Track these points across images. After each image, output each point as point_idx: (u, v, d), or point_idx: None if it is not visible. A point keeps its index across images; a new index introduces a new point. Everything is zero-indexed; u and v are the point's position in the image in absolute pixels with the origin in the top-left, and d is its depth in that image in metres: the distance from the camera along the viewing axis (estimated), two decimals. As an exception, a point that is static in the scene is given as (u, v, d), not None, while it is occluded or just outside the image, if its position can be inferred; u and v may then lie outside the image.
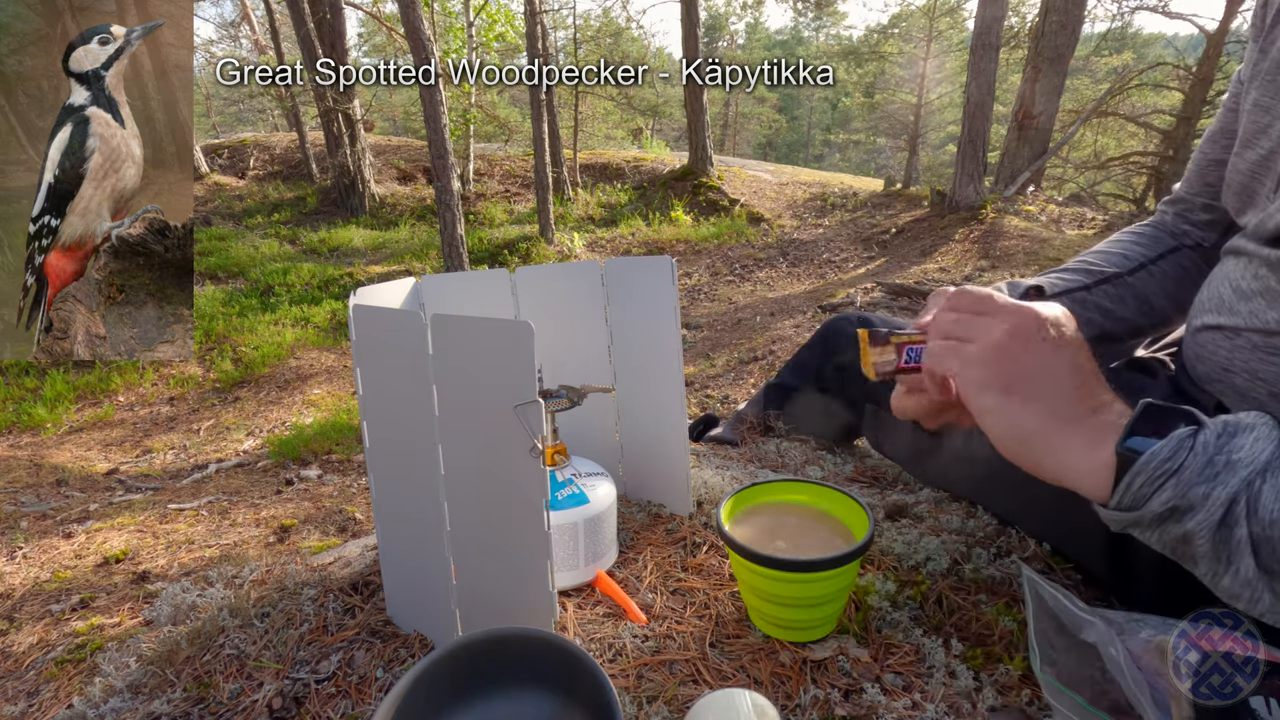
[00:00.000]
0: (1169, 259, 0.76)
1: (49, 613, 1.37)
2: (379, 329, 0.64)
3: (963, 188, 6.02)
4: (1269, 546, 0.40)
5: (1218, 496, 0.40)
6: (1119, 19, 8.42)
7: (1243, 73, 0.65)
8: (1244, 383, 0.57)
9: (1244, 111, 0.61)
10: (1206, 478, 0.41)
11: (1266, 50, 0.58)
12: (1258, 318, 0.55)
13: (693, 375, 3.74)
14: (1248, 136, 0.59)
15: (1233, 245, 0.62)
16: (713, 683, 0.59)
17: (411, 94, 15.05)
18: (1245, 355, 0.56)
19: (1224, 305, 0.59)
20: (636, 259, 0.84)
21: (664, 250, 7.00)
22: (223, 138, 11.90)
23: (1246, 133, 0.60)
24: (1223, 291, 0.60)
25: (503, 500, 0.61)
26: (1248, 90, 0.61)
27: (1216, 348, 0.60)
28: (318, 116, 8.68)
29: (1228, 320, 0.58)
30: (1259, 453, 0.41)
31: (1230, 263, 0.61)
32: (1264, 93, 0.58)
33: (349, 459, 3.07)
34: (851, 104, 21.10)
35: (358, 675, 0.65)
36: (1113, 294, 0.74)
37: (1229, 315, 0.58)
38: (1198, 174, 0.74)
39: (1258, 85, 0.59)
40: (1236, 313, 0.57)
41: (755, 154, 24.34)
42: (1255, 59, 0.60)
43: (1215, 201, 0.72)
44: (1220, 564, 0.42)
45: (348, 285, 6.22)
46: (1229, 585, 0.43)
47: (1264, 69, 0.58)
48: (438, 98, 4.92)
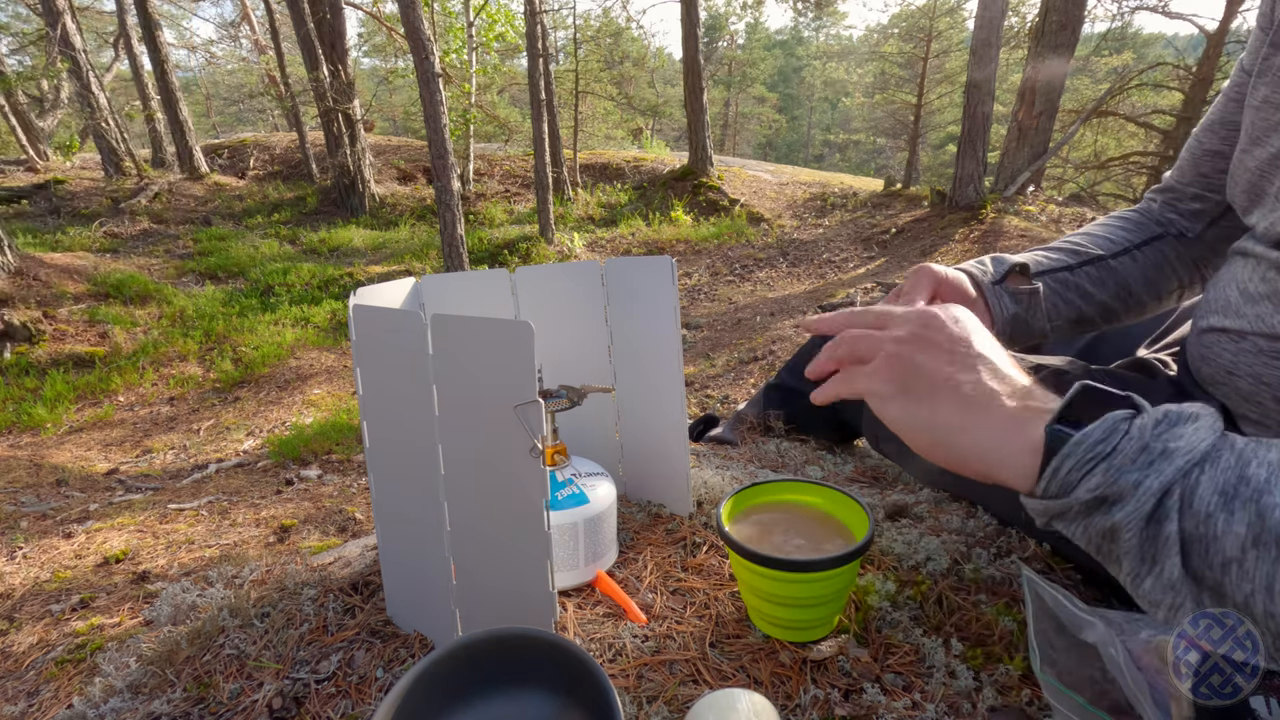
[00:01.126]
0: (1152, 246, 0.76)
1: (49, 613, 1.37)
2: (379, 329, 0.64)
3: (963, 188, 6.02)
4: (1200, 546, 0.36)
5: (1149, 486, 0.37)
6: (1119, 19, 8.41)
7: (1245, 62, 0.64)
8: (1248, 386, 0.57)
9: (1251, 107, 0.59)
10: (1140, 465, 0.37)
11: (1279, 44, 0.57)
12: (1264, 321, 0.55)
13: (693, 375, 3.74)
14: (1256, 133, 0.58)
15: (1240, 247, 0.61)
16: (713, 683, 0.59)
17: (411, 94, 15.05)
18: (1250, 359, 0.56)
19: (1230, 307, 0.59)
20: (636, 259, 0.84)
21: (664, 250, 7.00)
22: (223, 138, 11.91)
23: (1255, 129, 0.58)
24: (1229, 293, 0.60)
25: (503, 500, 0.61)
26: (1255, 85, 0.59)
27: (1221, 350, 0.59)
28: (318, 116, 8.68)
29: (1233, 323, 0.58)
30: (1198, 442, 0.37)
31: (1238, 264, 0.61)
32: (1275, 89, 0.56)
33: (349, 459, 3.07)
34: (851, 104, 21.09)
35: (358, 675, 0.65)
36: (1094, 276, 0.73)
37: (1235, 318, 0.58)
38: (1191, 163, 0.73)
39: (1267, 81, 0.57)
40: (1243, 316, 0.57)
41: (755, 154, 24.35)
42: (1265, 53, 0.59)
43: (1207, 192, 0.72)
44: (1144, 563, 0.38)
45: (348, 285, 6.22)
46: (1149, 589, 0.39)
47: (1276, 64, 0.57)
48: (438, 98, 4.92)
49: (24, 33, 11.02)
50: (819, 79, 26.44)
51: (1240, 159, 0.61)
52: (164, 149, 9.37)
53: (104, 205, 7.70)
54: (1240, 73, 0.65)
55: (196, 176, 8.91)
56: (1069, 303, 0.72)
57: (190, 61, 23.70)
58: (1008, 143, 6.32)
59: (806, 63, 27.84)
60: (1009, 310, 0.70)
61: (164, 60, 8.64)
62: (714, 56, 23.27)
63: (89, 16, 12.67)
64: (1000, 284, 0.71)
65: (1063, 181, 10.23)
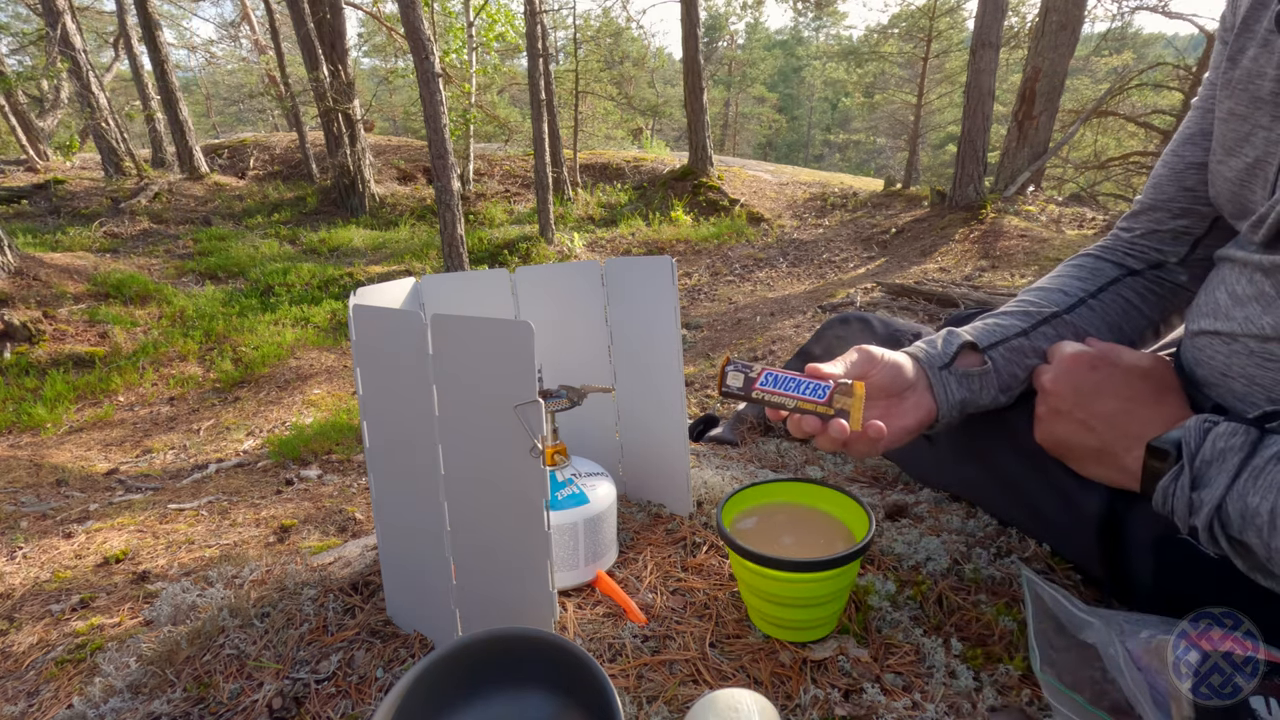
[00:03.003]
0: (1109, 291, 0.73)
1: (49, 613, 1.37)
2: (379, 329, 0.64)
3: (963, 188, 6.02)
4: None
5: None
6: (1119, 19, 8.41)
7: (1209, 75, 0.64)
8: (1242, 388, 0.57)
9: (1219, 119, 0.60)
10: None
11: (1236, 60, 0.58)
12: (1253, 323, 0.55)
13: (693, 375, 3.74)
14: (1229, 144, 0.59)
15: (1226, 252, 0.62)
16: (713, 683, 0.59)
17: (411, 94, 15.05)
18: (1242, 360, 0.57)
19: (1220, 310, 0.60)
20: (636, 259, 0.84)
21: (664, 250, 7.00)
22: (223, 138, 11.91)
23: (1227, 140, 0.59)
24: (1219, 297, 0.60)
25: (503, 500, 0.61)
26: (1220, 99, 0.60)
27: (1214, 352, 0.60)
28: (318, 116, 8.68)
29: (1224, 326, 0.58)
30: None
31: (1225, 269, 0.62)
32: (1238, 102, 0.57)
33: (349, 459, 3.07)
34: (851, 104, 21.10)
35: (358, 675, 0.65)
36: (1051, 335, 0.70)
37: (1225, 321, 0.58)
38: (1173, 179, 0.70)
39: (1230, 95, 0.58)
40: (1232, 318, 0.58)
41: (755, 154, 24.35)
42: (1224, 67, 0.60)
43: (1195, 205, 0.69)
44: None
45: (348, 285, 6.22)
46: None
47: (1236, 78, 0.58)
48: (438, 98, 4.92)
49: (24, 33, 11.02)
50: (819, 79, 26.44)
51: (1216, 169, 0.61)
52: (164, 149, 9.37)
53: (104, 205, 7.70)
54: (1209, 85, 0.65)
55: (196, 176, 8.91)
56: (1027, 368, 0.70)
57: (190, 61, 23.71)
58: (1008, 143, 6.31)
59: (806, 63, 27.82)
60: (955, 396, 0.68)
61: (164, 60, 8.63)
62: (714, 56, 23.29)
63: (89, 16, 12.66)
64: (948, 367, 0.69)
65: (1063, 181, 10.22)
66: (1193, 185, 0.69)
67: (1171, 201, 0.71)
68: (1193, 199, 0.69)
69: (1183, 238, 0.72)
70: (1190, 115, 0.69)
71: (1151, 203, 0.73)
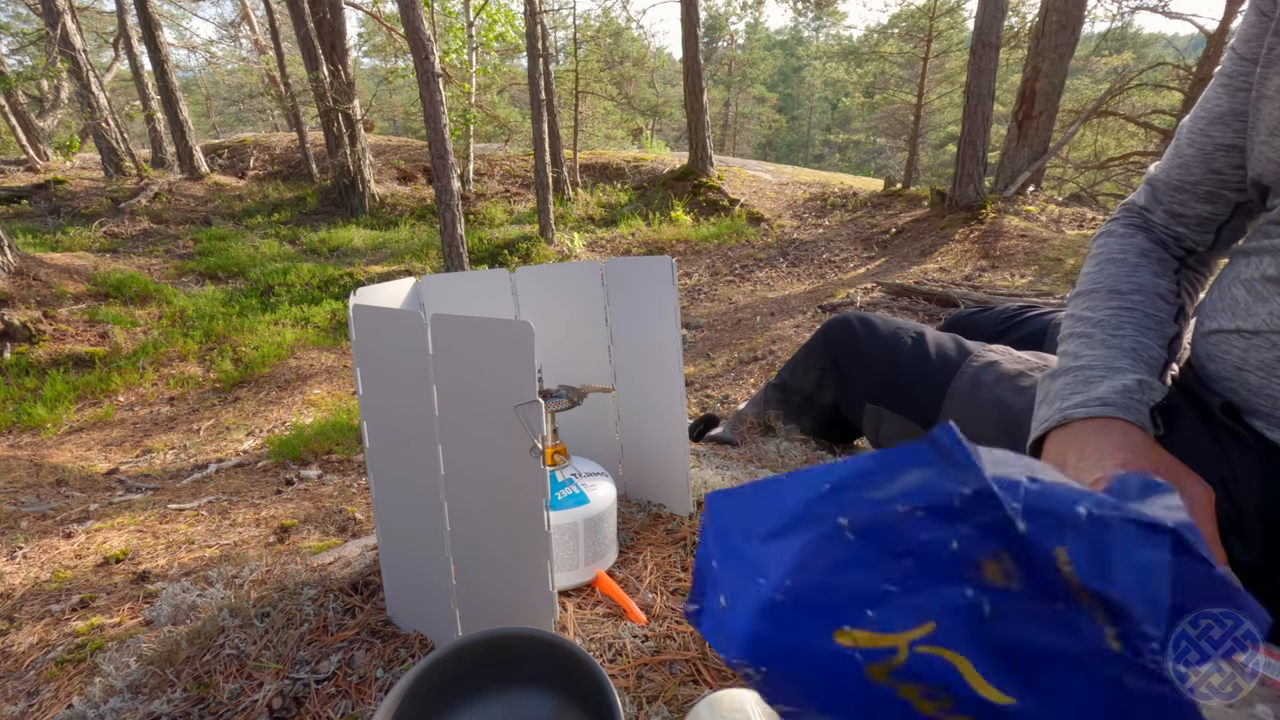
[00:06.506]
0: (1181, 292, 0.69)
1: (49, 613, 1.37)
2: (379, 329, 0.64)
3: (963, 188, 6.02)
4: None
5: None
6: (1119, 19, 8.41)
7: (1241, 49, 0.61)
8: (1259, 380, 0.57)
9: (1266, 97, 0.57)
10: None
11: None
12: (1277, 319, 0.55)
13: (693, 375, 3.74)
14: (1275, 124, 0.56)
15: (1243, 246, 0.61)
16: (713, 683, 0.59)
17: (411, 94, 15.05)
18: (1262, 354, 0.56)
19: (1239, 307, 0.59)
20: (636, 259, 0.84)
21: (664, 250, 7.00)
22: (223, 138, 11.91)
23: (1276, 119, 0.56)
24: (1235, 293, 0.59)
25: (503, 500, 0.61)
26: (1265, 75, 0.57)
27: (1230, 348, 0.59)
28: (318, 116, 8.68)
29: (1244, 323, 0.58)
30: None
31: (1240, 263, 0.61)
32: None
33: (349, 459, 3.07)
34: (851, 104, 21.09)
35: (358, 675, 0.65)
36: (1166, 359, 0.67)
37: (1245, 318, 0.57)
38: (1200, 160, 0.66)
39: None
40: (1254, 314, 0.57)
41: (755, 154, 24.36)
42: (1270, 42, 0.57)
43: (1222, 190, 0.66)
44: None
45: (348, 285, 6.22)
46: None
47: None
48: (438, 98, 4.92)
49: (24, 33, 11.02)
50: (819, 79, 26.43)
51: (1261, 149, 0.58)
52: (164, 149, 9.37)
53: (104, 205, 7.70)
54: (1239, 60, 0.62)
55: (196, 176, 8.91)
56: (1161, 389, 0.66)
57: (190, 61, 23.71)
58: (1008, 143, 6.31)
59: (806, 63, 27.83)
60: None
61: (164, 60, 8.64)
62: (714, 56, 23.29)
63: (89, 16, 12.66)
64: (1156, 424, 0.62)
65: (1063, 181, 10.23)
66: (1220, 168, 0.65)
67: (1198, 184, 0.67)
68: (1219, 182, 0.66)
69: (1207, 224, 0.69)
70: (1217, 92, 0.64)
71: (1179, 183, 0.69)
